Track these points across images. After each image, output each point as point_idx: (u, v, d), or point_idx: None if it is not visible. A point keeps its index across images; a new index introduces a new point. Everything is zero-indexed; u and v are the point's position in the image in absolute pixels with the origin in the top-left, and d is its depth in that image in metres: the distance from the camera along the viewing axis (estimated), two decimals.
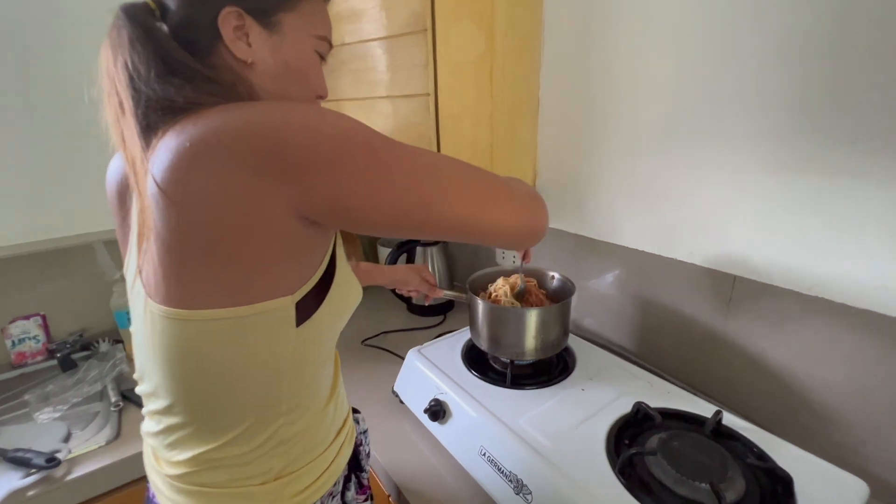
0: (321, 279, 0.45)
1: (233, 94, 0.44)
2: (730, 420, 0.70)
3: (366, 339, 1.13)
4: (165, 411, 0.45)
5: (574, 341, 0.95)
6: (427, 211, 0.41)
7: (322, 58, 0.52)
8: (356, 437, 0.64)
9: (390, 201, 0.39)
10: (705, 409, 0.73)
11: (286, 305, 0.42)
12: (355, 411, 0.73)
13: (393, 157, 0.40)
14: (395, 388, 0.91)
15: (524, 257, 0.80)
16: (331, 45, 0.53)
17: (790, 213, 0.70)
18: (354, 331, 1.19)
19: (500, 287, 0.87)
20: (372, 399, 0.93)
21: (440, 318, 1.27)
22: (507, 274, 0.91)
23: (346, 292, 0.51)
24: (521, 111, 1.01)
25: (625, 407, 0.73)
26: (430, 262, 1.31)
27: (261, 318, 0.40)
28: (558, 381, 0.81)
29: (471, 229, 0.45)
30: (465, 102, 0.91)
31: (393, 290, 1.02)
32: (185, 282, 0.38)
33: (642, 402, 0.70)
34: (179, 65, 0.42)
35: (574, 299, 0.84)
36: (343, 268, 0.50)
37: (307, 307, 0.44)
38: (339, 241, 0.52)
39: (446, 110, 0.88)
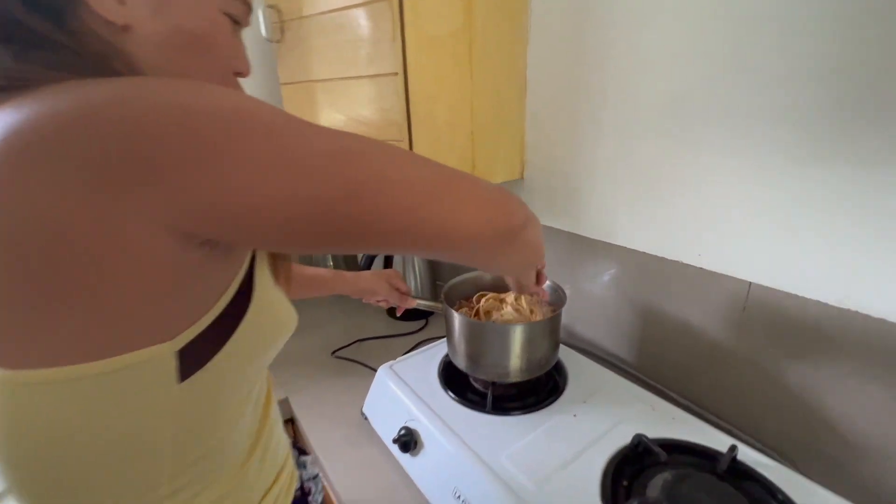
0: (224, 314, 0.34)
1: (103, 70, 0.32)
2: (746, 454, 0.60)
3: (336, 350, 1.02)
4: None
5: (566, 353, 0.84)
6: (357, 204, 0.29)
7: (236, 21, 0.41)
8: (299, 488, 0.53)
9: (303, 196, 0.28)
10: (717, 439, 0.63)
11: (161, 356, 0.30)
12: (302, 452, 0.63)
13: (302, 138, 0.28)
14: (363, 410, 0.81)
15: (538, 279, 0.64)
16: (248, 6, 0.41)
17: (819, 210, 0.59)
18: (323, 340, 1.08)
19: (514, 303, 0.76)
20: (339, 421, 0.83)
21: (422, 322, 1.16)
22: (499, 288, 0.81)
23: (268, 326, 0.40)
24: (505, 93, 0.88)
25: (623, 437, 0.63)
26: (410, 264, 1.20)
27: (121, 377, 0.29)
28: (547, 405, 0.70)
29: (421, 229, 0.32)
30: (441, 83, 0.79)
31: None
32: (8, 333, 0.27)
33: (643, 436, 0.60)
34: (14, 27, 0.30)
35: (566, 308, 0.73)
36: (264, 294, 0.39)
37: (198, 354, 0.33)
38: (262, 259, 0.40)
39: (418, 92, 0.76)
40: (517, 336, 0.68)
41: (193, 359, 0.32)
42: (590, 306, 0.92)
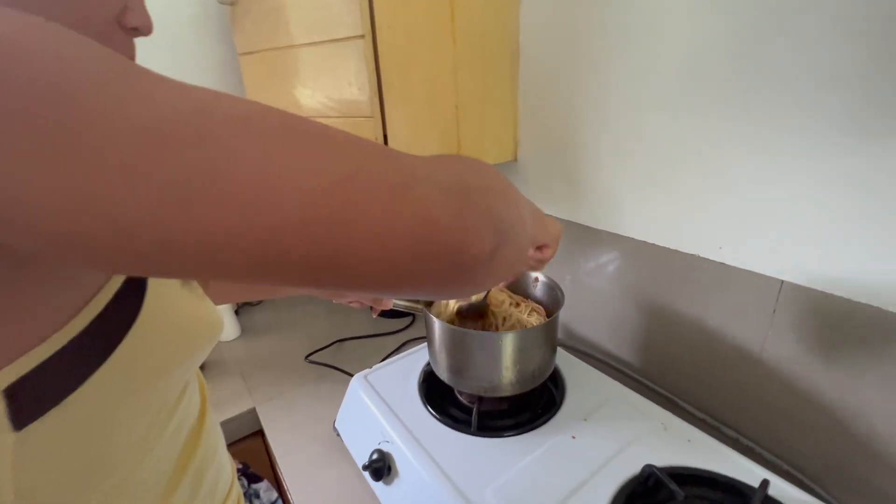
0: (85, 334, 0.26)
1: None
2: (781, 490, 0.50)
3: (311, 354, 0.93)
4: None
5: (564, 359, 0.74)
6: (208, 189, 0.17)
7: None
8: None
9: (116, 182, 0.16)
10: (742, 468, 0.53)
11: None
12: (253, 479, 0.54)
13: (113, 98, 0.17)
14: (336, 425, 0.72)
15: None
16: None
17: (873, 195, 0.48)
18: (299, 341, 0.99)
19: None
20: (310, 436, 0.74)
21: (409, 319, 1.06)
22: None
23: (168, 342, 0.32)
24: (494, 60, 0.77)
25: (631, 466, 0.53)
26: None
27: None
28: (541, 424, 0.61)
29: (319, 237, 0.19)
30: (417, 48, 0.67)
31: None
32: None
33: (654, 467, 0.50)
34: None
35: (564, 307, 0.63)
36: (161, 303, 0.31)
37: (42, 390, 0.24)
38: None
39: (390, 59, 0.64)
40: (507, 346, 0.58)
41: (33, 398, 0.24)
42: (592, 305, 0.82)
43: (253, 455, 0.81)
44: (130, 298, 0.29)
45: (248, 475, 0.56)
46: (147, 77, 0.18)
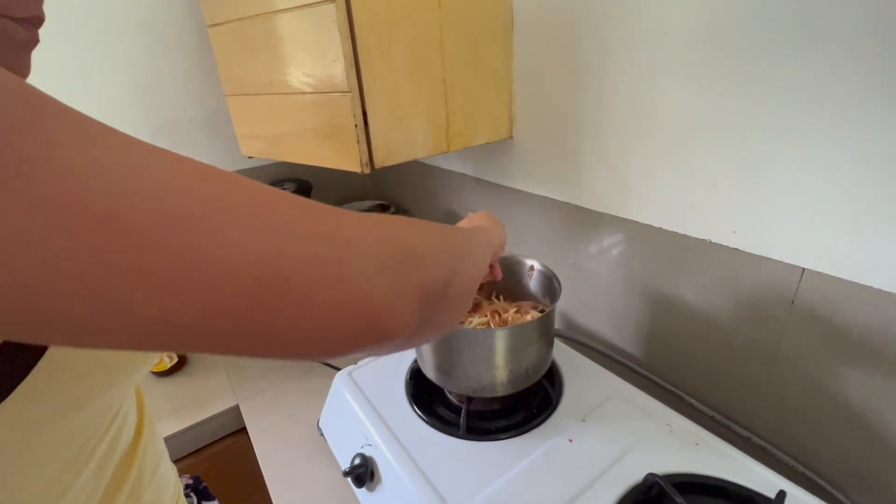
0: None
1: None
2: (797, 500, 0.45)
3: None
4: None
5: (562, 352, 0.70)
6: (121, 240, 0.15)
7: None
8: None
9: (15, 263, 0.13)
10: (754, 473, 0.48)
11: None
12: (205, 495, 0.50)
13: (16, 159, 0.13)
14: (320, 425, 0.68)
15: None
16: None
17: None
18: None
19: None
20: (293, 436, 0.70)
21: None
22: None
23: (83, 369, 0.27)
24: (486, 26, 0.69)
25: (633, 472, 0.49)
26: None
27: None
28: (536, 426, 0.56)
29: (243, 321, 0.18)
30: (397, 13, 0.60)
31: None
32: None
33: (657, 476, 0.46)
34: None
35: (563, 295, 0.58)
36: None
37: None
38: None
39: (367, 26, 0.58)
40: (498, 343, 0.53)
41: None
42: (594, 294, 0.77)
43: (236, 453, 0.78)
44: None
45: (199, 491, 0.52)
46: (66, 130, 0.15)
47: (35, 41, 0.27)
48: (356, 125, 0.61)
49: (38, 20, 0.26)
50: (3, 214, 0.13)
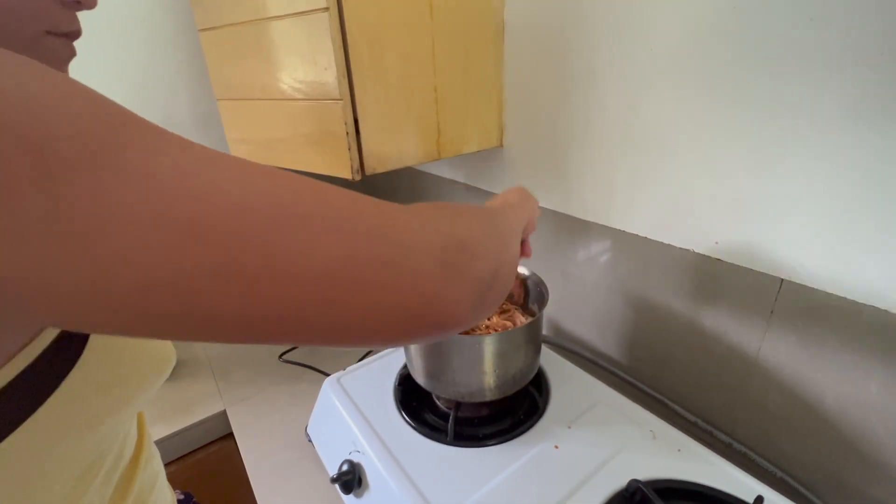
0: (27, 374, 0.23)
1: None
2: (774, 503, 0.47)
3: (285, 353, 0.89)
4: None
5: (549, 358, 0.71)
6: (211, 241, 0.17)
7: None
8: None
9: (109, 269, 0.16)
10: (734, 480, 0.50)
11: None
12: None
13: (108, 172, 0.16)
14: (308, 431, 0.68)
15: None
16: None
17: (882, 192, 0.43)
18: None
19: None
20: (281, 442, 0.70)
21: None
22: None
23: (114, 378, 0.28)
24: (477, 36, 0.70)
25: (617, 479, 0.49)
26: None
27: None
28: (523, 432, 0.57)
29: (318, 316, 0.20)
30: (389, 22, 0.61)
31: None
32: None
33: (639, 482, 0.47)
34: None
35: (551, 301, 0.59)
36: (105, 338, 0.28)
37: None
38: None
39: (359, 34, 0.58)
40: (486, 349, 0.54)
41: None
42: (581, 300, 0.78)
43: (223, 459, 0.77)
44: (71, 336, 0.26)
45: None
46: (148, 144, 0.17)
47: (73, 54, 0.28)
48: (347, 132, 0.62)
49: (77, 34, 0.27)
50: (114, 219, 0.15)
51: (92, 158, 0.15)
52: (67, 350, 0.25)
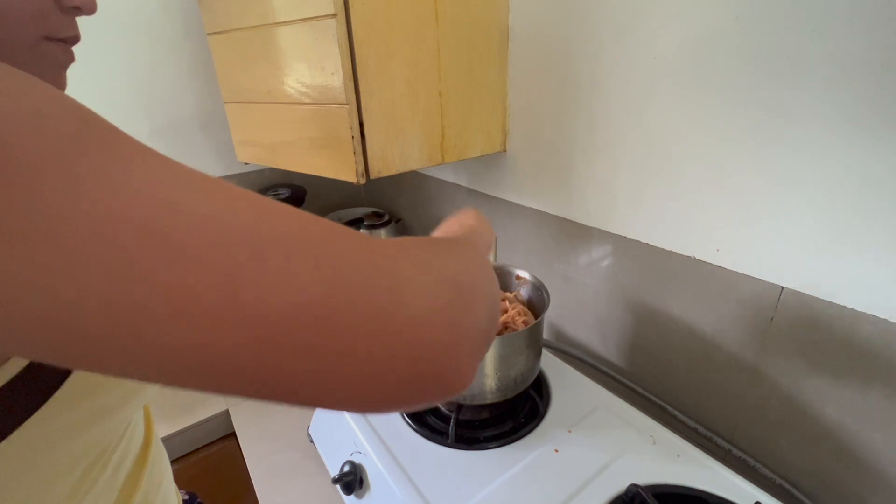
0: (21, 379, 0.22)
1: None
2: None
3: None
4: None
5: (549, 362, 0.71)
6: (165, 257, 0.15)
7: None
8: None
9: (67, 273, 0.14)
10: (733, 486, 0.50)
11: None
12: None
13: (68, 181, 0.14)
14: (309, 431, 0.68)
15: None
16: None
17: (885, 200, 0.44)
18: None
19: None
20: (283, 441, 0.70)
21: None
22: None
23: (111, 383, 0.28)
24: (481, 42, 0.71)
25: (616, 483, 0.50)
26: None
27: None
28: (523, 436, 0.57)
29: (290, 360, 0.17)
30: (395, 28, 0.61)
31: None
32: None
33: (638, 487, 0.47)
34: None
35: (553, 306, 0.59)
36: None
37: None
38: None
39: (366, 40, 0.59)
40: (488, 352, 0.55)
41: None
42: (582, 305, 0.78)
43: (225, 458, 0.78)
44: None
45: None
46: (116, 152, 0.15)
47: (72, 59, 0.28)
48: (353, 137, 0.63)
49: (75, 39, 0.28)
50: (56, 229, 0.13)
51: (47, 161, 0.13)
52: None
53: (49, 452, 0.25)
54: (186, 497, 0.53)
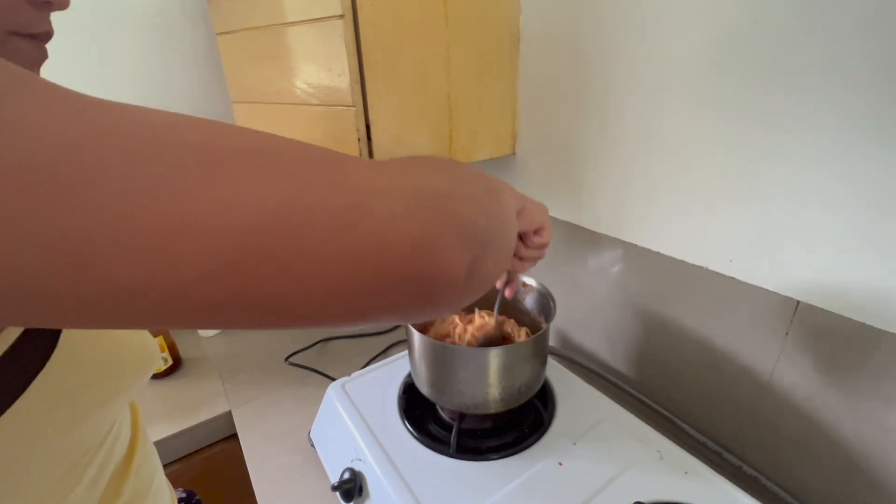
0: None
1: None
2: None
3: (292, 355, 0.89)
4: None
5: (555, 370, 0.70)
6: (106, 237, 0.13)
7: None
8: None
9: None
10: None
11: None
12: None
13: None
14: (311, 435, 0.68)
15: (507, 283, 0.55)
16: None
17: None
18: (279, 340, 0.95)
19: (458, 327, 0.61)
20: (284, 445, 0.70)
21: None
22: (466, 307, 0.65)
23: (94, 375, 0.28)
24: (492, 43, 0.70)
25: (620, 499, 0.48)
26: None
27: None
28: (527, 447, 0.56)
29: (253, 279, 0.16)
30: (404, 30, 0.61)
31: None
32: None
33: None
34: None
35: (560, 313, 0.58)
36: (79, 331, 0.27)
37: None
38: None
39: (373, 41, 0.58)
40: (492, 362, 0.54)
41: None
42: (590, 313, 0.77)
43: (226, 460, 0.78)
44: (44, 332, 0.25)
45: None
46: (23, 91, 0.13)
47: (45, 57, 0.27)
48: (359, 138, 0.62)
49: (48, 36, 0.27)
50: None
51: None
52: (38, 342, 0.25)
53: (24, 451, 0.24)
54: (183, 495, 0.52)
